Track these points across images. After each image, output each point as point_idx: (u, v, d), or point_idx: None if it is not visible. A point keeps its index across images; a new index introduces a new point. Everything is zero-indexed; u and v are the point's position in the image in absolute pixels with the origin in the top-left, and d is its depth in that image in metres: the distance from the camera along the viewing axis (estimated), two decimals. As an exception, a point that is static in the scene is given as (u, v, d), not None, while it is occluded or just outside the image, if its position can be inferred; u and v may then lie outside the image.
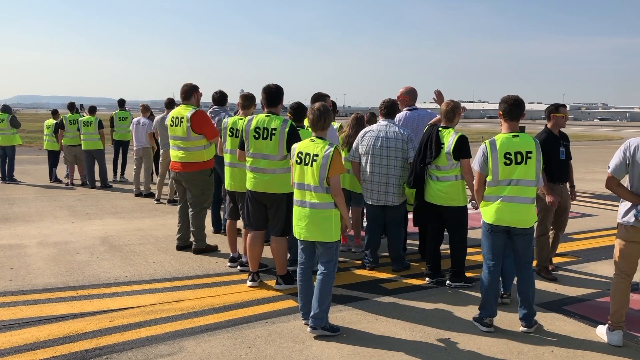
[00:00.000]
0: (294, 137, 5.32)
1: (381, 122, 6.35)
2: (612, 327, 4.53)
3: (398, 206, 6.25)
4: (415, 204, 6.12)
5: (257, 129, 5.45)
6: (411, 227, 7.08)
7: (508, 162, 4.60)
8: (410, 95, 6.93)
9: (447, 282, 5.94)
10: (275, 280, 5.75)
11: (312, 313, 4.59)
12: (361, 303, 5.35)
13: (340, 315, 4.90)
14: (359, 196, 6.82)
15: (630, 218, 4.33)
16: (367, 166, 6.30)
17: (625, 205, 4.41)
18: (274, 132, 5.38)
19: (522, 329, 4.76)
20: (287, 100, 6.08)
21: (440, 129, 5.83)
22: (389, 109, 6.39)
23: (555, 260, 6.96)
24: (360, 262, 6.70)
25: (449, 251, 6.03)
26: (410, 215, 6.60)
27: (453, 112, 5.82)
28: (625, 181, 4.45)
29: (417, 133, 6.43)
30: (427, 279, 6.07)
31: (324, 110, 4.65)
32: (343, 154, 6.66)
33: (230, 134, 6.26)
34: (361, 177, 6.40)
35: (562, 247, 7.71)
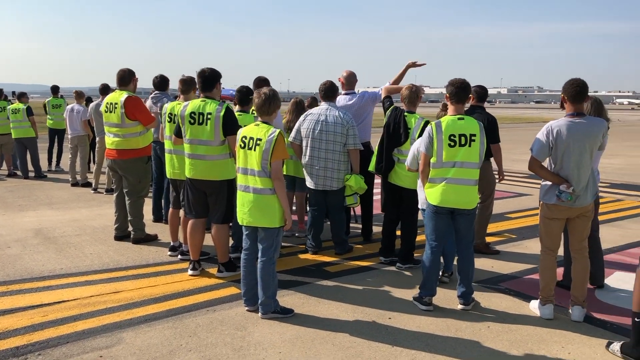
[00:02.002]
0: (230, 121, 5.24)
1: (322, 106, 6.33)
2: (543, 302, 4.72)
3: (338, 190, 6.27)
4: (385, 189, 6.18)
5: (193, 114, 5.34)
6: (377, 210, 7.05)
7: (452, 144, 4.68)
8: (346, 80, 6.94)
9: (397, 264, 6.03)
10: (217, 268, 5.68)
11: (259, 301, 4.61)
12: (304, 287, 5.36)
13: (283, 300, 4.89)
14: (303, 181, 6.82)
15: (552, 197, 4.51)
16: (307, 150, 6.28)
17: (546, 185, 4.60)
18: (209, 116, 5.28)
19: (460, 306, 4.89)
20: (231, 85, 6.00)
21: (406, 114, 5.87)
22: (328, 91, 6.36)
23: (493, 239, 7.18)
24: (303, 246, 6.70)
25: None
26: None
27: (416, 95, 5.88)
28: (546, 162, 4.64)
29: (360, 117, 6.46)
30: (381, 258, 6.18)
31: (271, 95, 4.59)
32: (286, 140, 6.62)
33: (169, 120, 6.11)
34: (302, 161, 6.39)
35: (498, 226, 7.98)
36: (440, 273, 5.46)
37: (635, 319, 3.96)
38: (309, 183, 6.35)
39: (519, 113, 68.28)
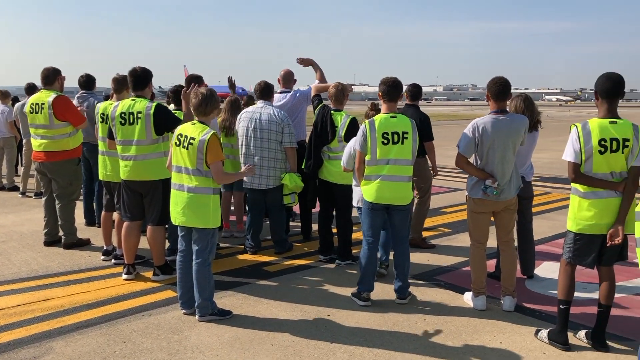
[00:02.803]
0: (161, 118, 5.15)
1: (257, 104, 6.30)
2: (475, 293, 4.87)
3: (276, 189, 6.25)
4: (312, 185, 6.21)
5: (123, 115, 5.20)
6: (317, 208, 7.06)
7: (385, 141, 4.74)
8: (283, 79, 6.95)
9: (337, 261, 6.07)
10: (152, 271, 5.55)
11: (196, 304, 4.54)
12: (243, 287, 5.32)
13: (221, 302, 4.83)
14: (241, 181, 6.76)
15: (478, 192, 4.66)
16: (243, 149, 6.25)
17: (472, 180, 4.74)
18: (139, 115, 5.16)
19: (397, 300, 4.98)
20: (167, 85, 5.87)
21: (332, 112, 5.90)
22: (263, 91, 6.33)
23: (429, 233, 7.35)
24: (243, 247, 6.64)
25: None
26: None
27: (342, 94, 5.91)
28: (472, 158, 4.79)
29: (293, 115, 6.48)
30: (320, 256, 6.19)
31: (209, 95, 4.51)
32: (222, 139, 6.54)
33: (102, 120, 5.92)
34: (240, 160, 6.34)
35: (434, 221, 8.16)
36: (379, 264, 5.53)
37: (561, 306, 4.14)
38: (246, 182, 6.30)
39: (454, 110, 70.17)
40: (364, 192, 4.89)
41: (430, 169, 6.74)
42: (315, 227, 7.11)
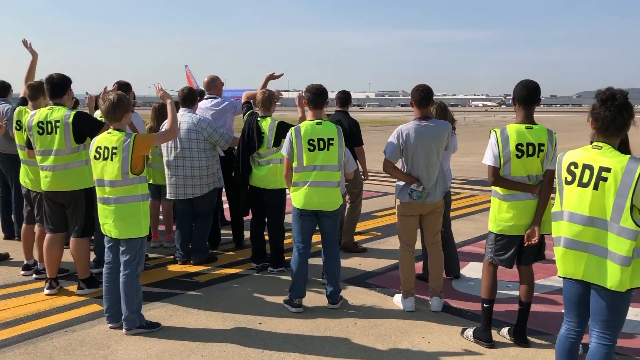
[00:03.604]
0: (81, 125, 4.99)
1: (179, 113, 6.18)
2: (405, 295, 4.97)
3: (203, 196, 6.16)
4: (243, 192, 6.17)
5: (40, 124, 5.01)
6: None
7: (312, 148, 4.78)
8: (207, 85, 6.91)
9: (269, 268, 6.03)
10: (77, 285, 5.33)
11: (123, 317, 4.40)
12: (173, 298, 5.20)
13: (150, 314, 4.71)
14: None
15: (405, 196, 4.78)
16: (165, 158, 6.14)
17: (400, 184, 4.86)
18: (57, 124, 4.97)
19: (329, 305, 5.01)
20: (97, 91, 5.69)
21: (259, 118, 5.88)
22: (186, 98, 6.23)
23: (360, 237, 7.45)
24: (172, 257, 6.50)
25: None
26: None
27: (269, 100, 5.90)
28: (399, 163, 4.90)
29: (219, 122, 6.45)
30: (253, 264, 6.14)
31: (116, 100, 4.39)
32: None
33: (18, 128, 5.66)
34: (165, 170, 6.21)
35: (366, 225, 8.28)
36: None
37: (484, 305, 4.30)
38: (170, 193, 6.19)
39: (386, 116, 71.54)
40: (293, 199, 4.92)
41: (362, 173, 6.84)
42: (247, 234, 7.07)
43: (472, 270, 6.15)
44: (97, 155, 4.40)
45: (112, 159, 4.31)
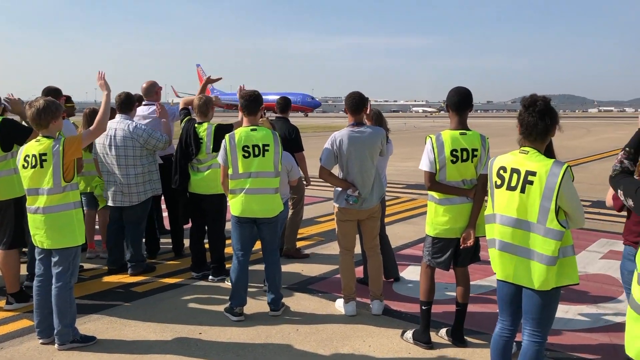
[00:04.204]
0: (7, 132, 4.81)
1: (115, 119, 6.02)
2: (346, 300, 5.01)
3: (134, 206, 6.01)
4: (182, 200, 6.07)
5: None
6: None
7: (247, 155, 4.76)
8: (145, 91, 6.79)
9: (210, 277, 5.94)
10: (5, 299, 5.09)
11: (55, 331, 4.23)
12: (109, 310, 5.04)
13: (84, 328, 4.54)
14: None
15: (342, 201, 4.83)
16: (100, 166, 5.97)
17: (337, 190, 4.90)
18: None
19: (270, 313, 4.98)
20: (27, 97, 5.44)
21: (196, 124, 5.79)
22: (122, 104, 6.07)
23: (303, 243, 7.45)
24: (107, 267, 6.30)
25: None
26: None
27: (206, 106, 5.83)
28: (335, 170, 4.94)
29: (159, 128, 6.33)
30: (193, 274, 6.02)
31: (43, 107, 4.22)
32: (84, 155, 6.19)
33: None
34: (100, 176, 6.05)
35: (308, 230, 8.30)
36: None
37: (423, 307, 4.39)
38: (107, 199, 6.03)
39: (329, 122, 72.00)
40: (230, 206, 4.88)
41: (303, 179, 6.85)
42: (188, 243, 6.94)
43: (412, 272, 6.26)
44: (25, 164, 4.22)
45: (42, 166, 4.15)
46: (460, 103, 4.17)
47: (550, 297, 3.14)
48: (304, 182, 6.85)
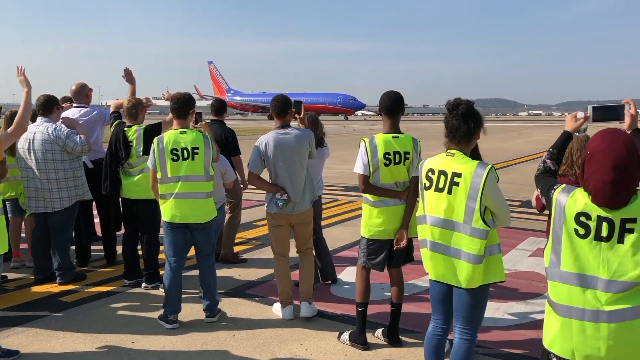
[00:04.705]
0: None
1: (36, 122, 5.77)
2: (283, 304, 4.98)
3: (57, 213, 5.78)
4: (114, 206, 5.92)
5: None
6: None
7: (175, 158, 4.67)
8: (75, 93, 6.58)
9: (143, 284, 5.77)
10: None
11: None
12: (35, 322, 4.82)
13: (7, 341, 4.32)
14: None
15: (273, 206, 4.81)
16: (22, 171, 5.71)
17: (269, 195, 4.88)
18: None
19: (206, 319, 4.90)
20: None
21: (125, 128, 5.63)
22: (42, 107, 5.83)
23: (241, 247, 7.38)
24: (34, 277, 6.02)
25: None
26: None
27: (135, 108, 5.67)
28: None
29: (89, 132, 6.10)
30: (125, 281, 5.84)
31: None
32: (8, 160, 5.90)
33: None
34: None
35: (246, 235, 8.23)
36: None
37: (358, 309, 4.43)
38: (28, 207, 5.77)
39: (271, 124, 71.85)
40: (162, 212, 4.77)
41: (240, 183, 6.79)
42: (120, 250, 6.74)
43: (349, 274, 6.30)
44: None
45: None
46: (392, 107, 4.24)
47: (479, 295, 3.23)
48: (242, 186, 6.79)
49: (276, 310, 5.09)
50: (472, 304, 3.23)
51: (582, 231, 2.33)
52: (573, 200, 2.38)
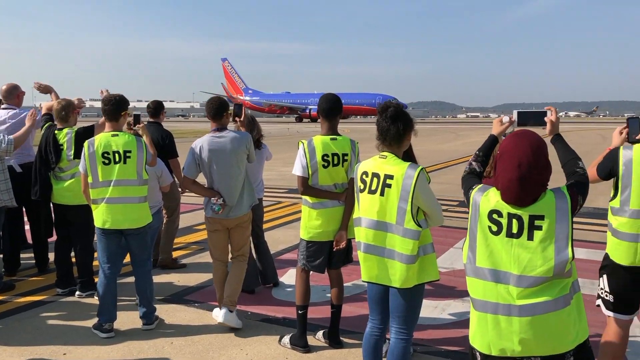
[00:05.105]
0: None
1: None
2: (222, 308, 4.90)
3: None
4: (45, 212, 5.72)
5: None
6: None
7: (106, 161, 4.55)
8: (6, 93, 6.28)
9: (77, 292, 5.56)
10: None
11: None
12: (-42, 336, 4.57)
13: None
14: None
15: (209, 211, 4.74)
16: None
17: (206, 199, 4.80)
18: None
19: (143, 327, 4.77)
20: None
21: (56, 131, 5.42)
22: None
23: (180, 253, 7.24)
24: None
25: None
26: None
27: (65, 110, 5.46)
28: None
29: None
30: (58, 290, 5.62)
31: None
32: None
33: None
34: None
35: (186, 239, 8.08)
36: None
37: (299, 311, 4.42)
38: None
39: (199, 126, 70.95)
40: (94, 217, 4.62)
41: (179, 186, 6.65)
42: (52, 257, 6.47)
43: (292, 277, 6.26)
44: None
45: None
46: (329, 110, 4.25)
47: (414, 294, 3.28)
48: (180, 190, 6.66)
49: (216, 315, 4.99)
50: (407, 304, 3.28)
51: (494, 228, 2.40)
52: (487, 199, 2.46)
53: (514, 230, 2.36)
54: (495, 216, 2.41)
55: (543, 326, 2.32)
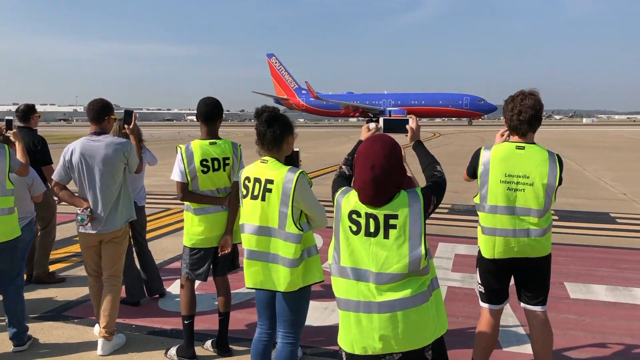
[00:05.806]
0: None
1: None
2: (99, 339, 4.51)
3: None
4: None
5: None
6: None
7: None
8: None
9: None
10: None
11: None
12: None
13: None
14: None
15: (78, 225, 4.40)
16: None
17: (78, 210, 4.40)
18: None
19: (14, 349, 4.40)
20: None
21: None
22: None
23: (59, 266, 6.80)
24: None
25: None
26: None
27: None
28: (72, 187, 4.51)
29: None
30: None
31: None
32: None
33: None
34: None
35: (66, 251, 7.60)
36: None
37: (185, 322, 4.28)
38: None
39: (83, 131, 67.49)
40: None
41: (54, 195, 6.23)
42: None
43: (177, 287, 6.08)
44: None
45: None
46: (208, 114, 4.16)
47: (299, 297, 3.28)
48: (55, 198, 6.23)
49: (97, 331, 4.72)
50: (293, 307, 3.28)
51: (354, 228, 2.47)
52: (347, 200, 2.53)
53: (372, 229, 2.43)
54: (354, 216, 2.47)
55: (402, 322, 2.39)
